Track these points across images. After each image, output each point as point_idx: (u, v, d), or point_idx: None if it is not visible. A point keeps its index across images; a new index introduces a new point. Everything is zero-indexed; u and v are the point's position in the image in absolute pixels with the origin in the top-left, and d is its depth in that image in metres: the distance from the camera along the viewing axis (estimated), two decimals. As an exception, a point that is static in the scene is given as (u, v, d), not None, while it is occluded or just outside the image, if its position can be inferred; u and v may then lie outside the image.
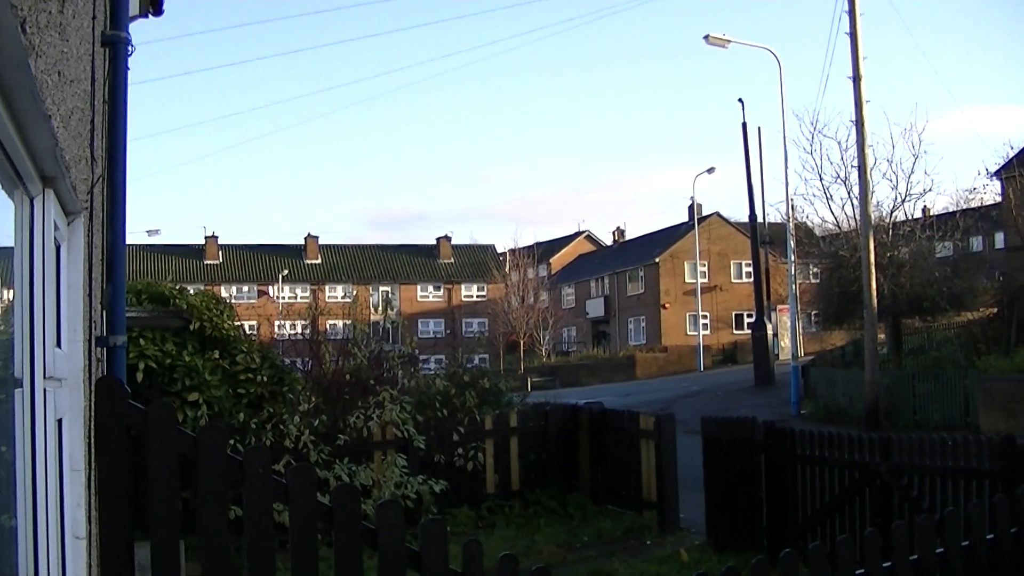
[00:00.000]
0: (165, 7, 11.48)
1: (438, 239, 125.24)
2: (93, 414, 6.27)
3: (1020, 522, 8.15)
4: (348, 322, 22.90)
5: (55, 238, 4.96)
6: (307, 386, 18.98)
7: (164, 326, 16.59)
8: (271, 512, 6.61)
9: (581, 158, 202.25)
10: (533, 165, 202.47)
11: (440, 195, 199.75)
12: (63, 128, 4.36)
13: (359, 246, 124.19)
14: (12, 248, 4.16)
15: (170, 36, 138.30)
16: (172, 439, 6.47)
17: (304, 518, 6.55)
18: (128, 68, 7.73)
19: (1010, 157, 49.43)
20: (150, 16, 11.51)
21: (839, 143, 42.70)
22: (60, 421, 5.29)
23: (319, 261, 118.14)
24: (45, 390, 4.63)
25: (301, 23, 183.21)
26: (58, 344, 5.22)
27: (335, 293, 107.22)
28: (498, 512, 19.29)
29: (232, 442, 15.57)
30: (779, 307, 65.16)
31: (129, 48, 7.76)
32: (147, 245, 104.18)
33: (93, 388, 6.30)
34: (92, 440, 6.21)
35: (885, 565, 7.21)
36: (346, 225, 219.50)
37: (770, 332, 53.70)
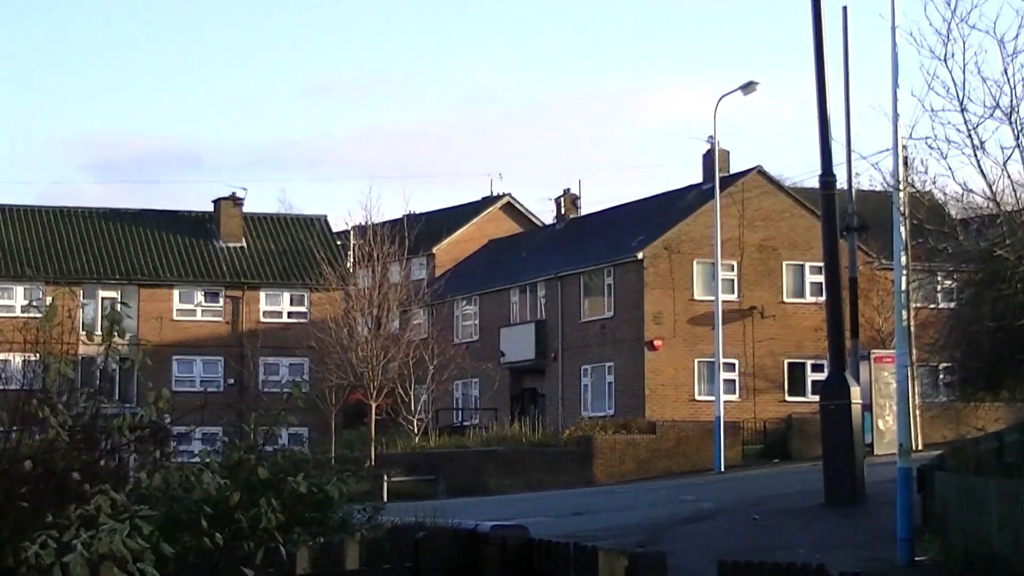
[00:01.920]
0: None
1: (218, 202, 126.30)
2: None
3: None
4: (32, 357, 22.54)
5: None
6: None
7: None
8: None
9: (502, 64, 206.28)
10: (408, 72, 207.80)
11: (224, 124, 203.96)
12: None
13: (61, 211, 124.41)
14: None
15: None
16: None
17: None
18: None
19: None
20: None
21: (1000, 41, 42.32)
22: None
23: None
24: None
25: None
26: None
27: (10, 299, 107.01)
28: None
29: None
30: (875, 353, 65.39)
31: None
32: None
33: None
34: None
35: None
36: (44, 170, 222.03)
37: (858, 400, 53.40)
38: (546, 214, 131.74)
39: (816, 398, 59.69)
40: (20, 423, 19.68)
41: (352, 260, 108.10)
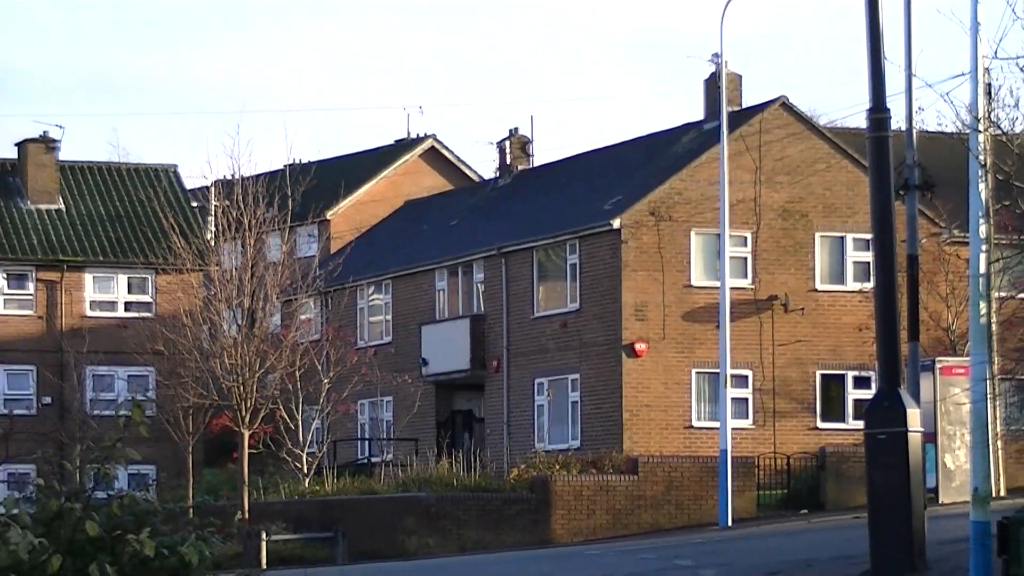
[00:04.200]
0: None
1: (22, 145, 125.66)
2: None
3: None
4: None
5: None
6: None
7: None
8: None
9: None
10: None
11: (40, 37, 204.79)
12: None
13: None
14: None
15: None
16: None
17: None
18: None
19: None
20: None
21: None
22: None
23: None
24: None
25: None
26: None
27: None
28: None
29: None
30: (942, 362, 65.75)
31: None
32: None
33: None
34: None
35: None
36: None
37: (918, 427, 53.67)
38: (485, 164, 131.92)
39: (860, 424, 59.76)
40: None
41: (214, 229, 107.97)
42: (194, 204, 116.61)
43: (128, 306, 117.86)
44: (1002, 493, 45.74)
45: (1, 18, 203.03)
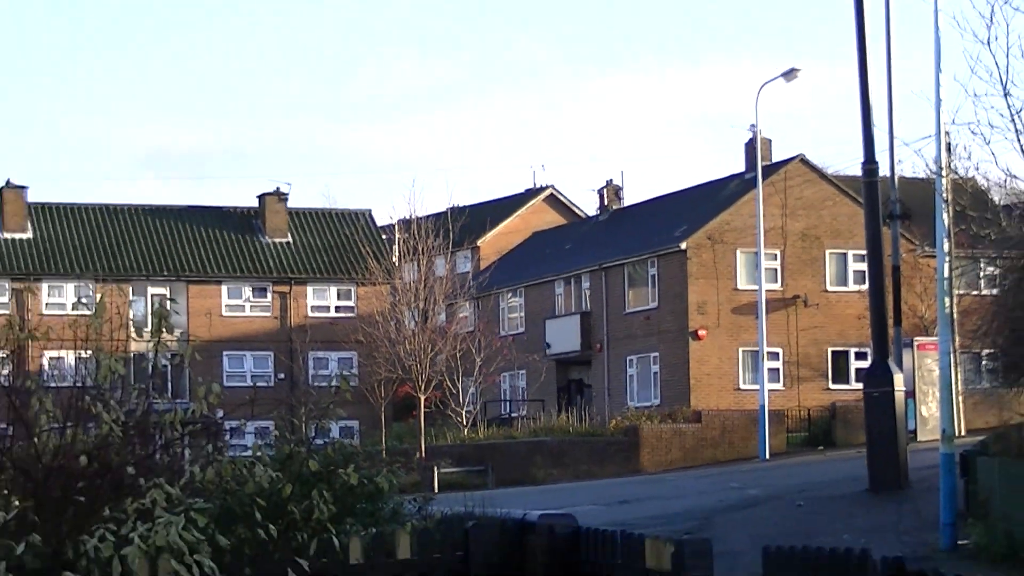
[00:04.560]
0: None
1: (263, 197, 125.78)
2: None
3: None
4: (85, 353, 22.63)
5: None
6: (5, 478, 18.78)
7: None
8: None
9: (547, 50, 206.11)
10: (449, 66, 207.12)
11: (273, 121, 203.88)
12: None
13: (108, 207, 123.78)
14: None
15: None
16: None
17: None
18: None
19: None
20: None
21: (1047, 23, 42.73)
22: None
23: (29, 235, 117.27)
24: None
25: None
26: None
27: (61, 297, 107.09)
28: None
29: None
30: (918, 341, 65.35)
31: None
32: None
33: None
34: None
35: None
36: (98, 168, 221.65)
37: (901, 387, 53.49)
38: (589, 205, 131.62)
39: (860, 386, 59.53)
40: (74, 419, 19.73)
41: (397, 254, 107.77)
42: (383, 236, 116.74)
43: (337, 309, 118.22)
44: (962, 433, 45.54)
45: (252, 108, 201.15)
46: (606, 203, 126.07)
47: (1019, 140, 42.38)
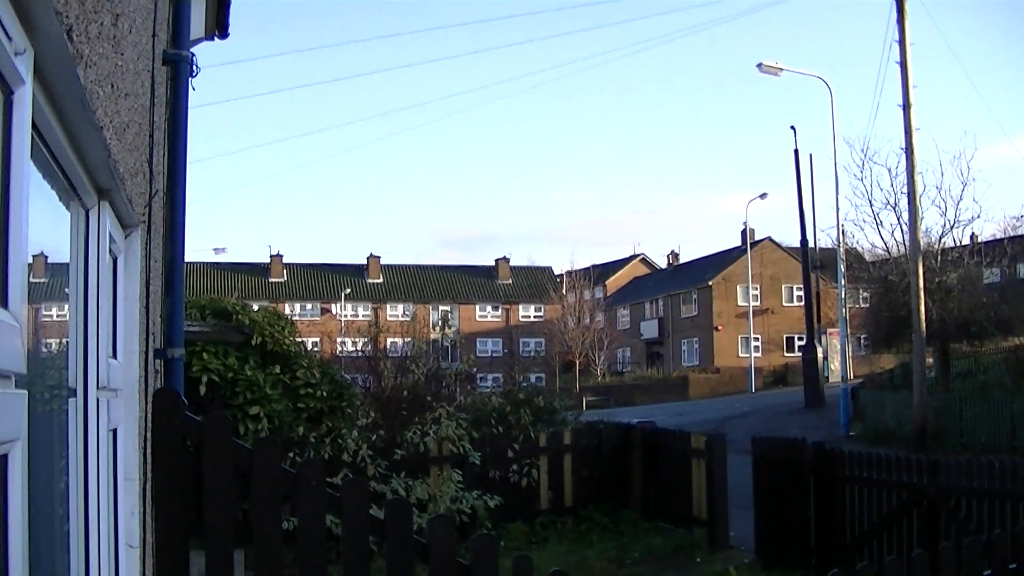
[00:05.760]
0: (231, 31, 11.45)
1: (497, 260, 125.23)
2: (150, 425, 6.23)
3: (1068, 544, 7.98)
4: (407, 340, 22.92)
5: (111, 250, 4.91)
6: (366, 402, 19.03)
7: (226, 340, 16.64)
8: (323, 523, 6.58)
9: (639, 183, 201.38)
10: (594, 189, 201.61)
11: (508, 216, 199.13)
12: (116, 140, 4.29)
13: (419, 266, 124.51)
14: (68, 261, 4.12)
15: (252, 58, 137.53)
16: (227, 450, 6.44)
17: (356, 530, 6.49)
18: (191, 87, 7.71)
19: (1059, 185, 49.20)
20: (216, 39, 11.48)
21: (889, 170, 42.26)
22: (115, 431, 5.23)
23: (381, 280, 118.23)
24: (99, 400, 4.57)
25: (364, 47, 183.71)
26: (114, 355, 5.16)
27: (395, 312, 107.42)
28: (551, 527, 19.19)
29: (292, 455, 15.62)
30: (829, 330, 64.66)
31: (192, 68, 7.75)
32: (214, 263, 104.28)
33: (150, 399, 6.25)
34: (148, 450, 6.16)
35: (933, 586, 7.07)
36: (417, 246, 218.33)
37: (820, 355, 53.43)
38: (662, 262, 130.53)
39: (800, 354, 59.02)
40: (401, 373, 19.94)
41: (564, 288, 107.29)
42: (558, 278, 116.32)
43: (535, 317, 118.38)
44: (851, 378, 44.81)
45: (501, 204, 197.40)
46: (671, 262, 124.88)
47: (877, 228, 42.87)
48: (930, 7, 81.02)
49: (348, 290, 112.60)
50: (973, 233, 46.62)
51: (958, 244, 42.21)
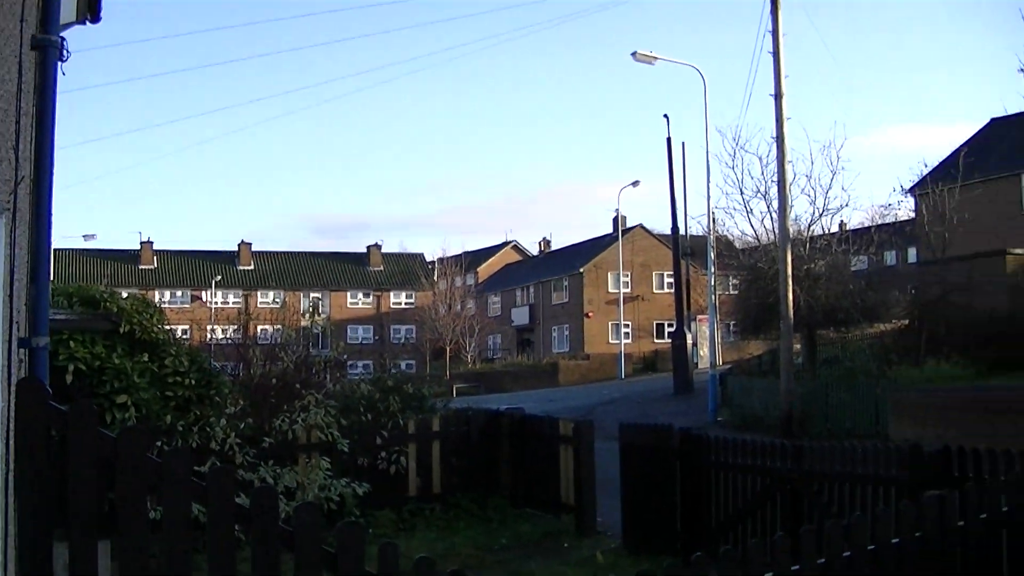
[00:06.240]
0: (103, 14, 11.31)
1: (368, 247, 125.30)
2: (13, 415, 6.19)
3: (924, 527, 8.21)
4: (277, 327, 22.93)
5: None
6: (235, 390, 18.92)
7: (94, 328, 16.48)
8: (189, 513, 6.58)
9: (513, 171, 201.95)
10: (467, 176, 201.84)
11: (381, 204, 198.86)
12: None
13: (291, 253, 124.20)
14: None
15: (125, 42, 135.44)
16: (92, 440, 6.41)
17: (222, 519, 6.50)
18: (60, 73, 7.65)
19: (924, 175, 50.40)
20: (87, 23, 11.33)
21: (760, 158, 42.69)
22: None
23: (252, 267, 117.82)
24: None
25: (240, 33, 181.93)
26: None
27: (267, 299, 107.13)
28: (419, 515, 19.21)
29: (159, 444, 15.50)
30: (699, 317, 65.27)
31: (62, 53, 7.70)
32: (83, 250, 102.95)
33: (13, 389, 6.22)
34: (11, 441, 6.12)
35: (794, 568, 7.23)
36: (289, 232, 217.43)
37: (689, 341, 53.75)
38: (534, 249, 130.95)
39: (670, 341, 59.37)
40: (270, 361, 19.93)
41: (436, 275, 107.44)
42: (429, 266, 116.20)
43: (405, 304, 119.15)
44: (720, 364, 45.25)
45: (370, 194, 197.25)
46: (543, 250, 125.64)
47: (748, 216, 43.52)
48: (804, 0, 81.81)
49: (219, 277, 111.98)
50: (842, 221, 47.42)
51: (827, 232, 42.80)
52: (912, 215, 51.84)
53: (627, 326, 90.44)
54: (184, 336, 31.15)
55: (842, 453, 12.99)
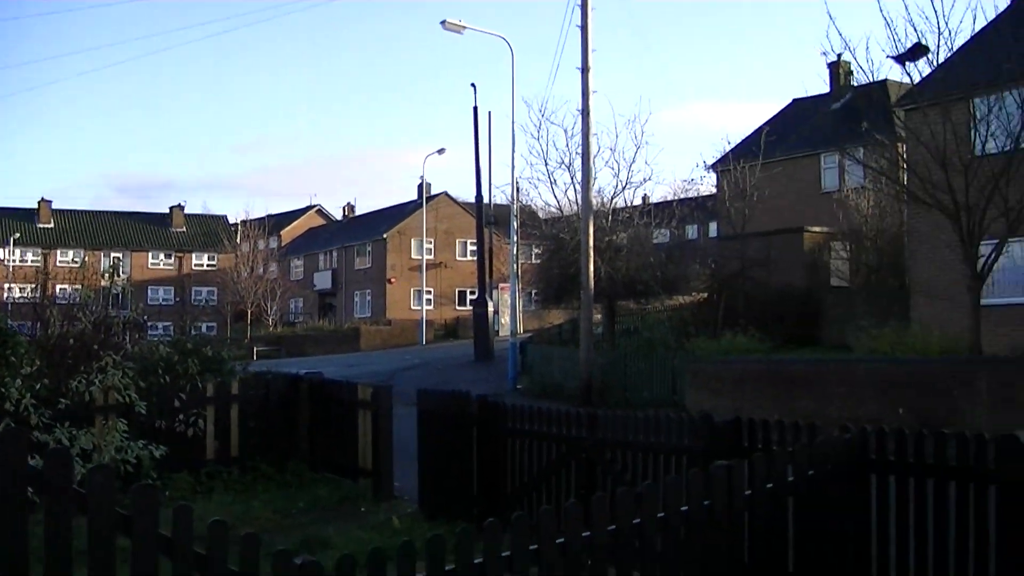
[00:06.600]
0: None
1: (171, 208, 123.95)
2: None
3: (713, 496, 8.41)
4: (77, 287, 22.60)
5: None
6: (31, 350, 18.58)
7: None
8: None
9: (320, 136, 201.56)
10: (273, 139, 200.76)
11: (185, 164, 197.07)
12: None
13: (93, 212, 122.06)
14: None
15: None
16: None
17: (13, 482, 6.42)
18: None
19: (726, 151, 51.17)
20: None
21: (565, 130, 43.09)
22: None
23: (52, 225, 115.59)
24: None
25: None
26: None
27: (66, 258, 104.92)
28: (217, 478, 19.08)
29: (-50, 406, 15.22)
30: (501, 285, 65.56)
31: None
32: None
33: None
34: None
35: (585, 534, 7.37)
36: (91, 191, 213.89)
37: (491, 309, 53.90)
38: (338, 214, 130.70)
39: (472, 308, 59.69)
40: (68, 321, 19.62)
41: (238, 238, 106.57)
42: (232, 227, 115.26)
43: (208, 265, 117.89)
44: (521, 332, 45.64)
45: (181, 152, 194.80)
46: (347, 214, 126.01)
47: (551, 187, 43.80)
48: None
49: (17, 235, 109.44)
50: (645, 195, 48.26)
51: (629, 205, 43.39)
52: (714, 190, 52.65)
53: (429, 293, 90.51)
54: (-22, 294, 30.61)
55: (636, 422, 13.19)
